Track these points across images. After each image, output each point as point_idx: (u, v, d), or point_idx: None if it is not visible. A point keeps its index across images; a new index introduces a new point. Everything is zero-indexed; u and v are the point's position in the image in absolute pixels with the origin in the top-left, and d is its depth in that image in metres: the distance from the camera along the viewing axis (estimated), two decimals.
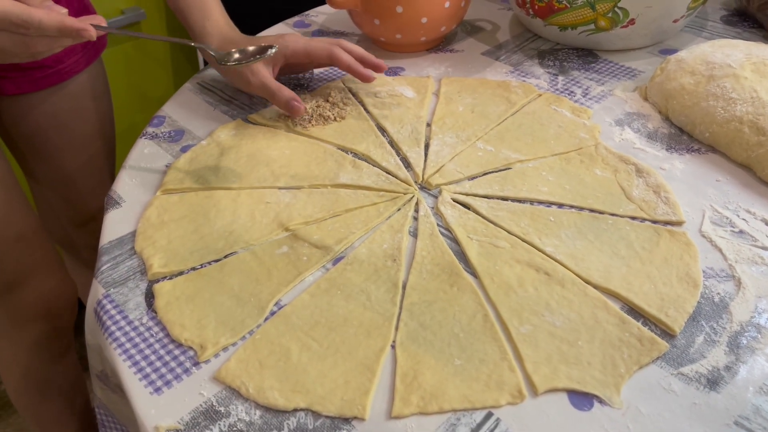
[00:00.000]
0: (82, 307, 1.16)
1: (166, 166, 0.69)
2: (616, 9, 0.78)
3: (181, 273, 0.56)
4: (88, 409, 1.09)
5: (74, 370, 1.02)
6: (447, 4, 0.81)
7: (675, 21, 0.82)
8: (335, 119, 0.74)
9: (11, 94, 0.82)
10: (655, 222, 0.60)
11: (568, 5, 0.80)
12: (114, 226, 0.62)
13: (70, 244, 1.06)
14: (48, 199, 0.98)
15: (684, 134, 0.70)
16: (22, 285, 0.85)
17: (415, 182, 0.66)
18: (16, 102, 0.83)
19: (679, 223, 0.59)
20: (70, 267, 1.12)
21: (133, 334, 0.52)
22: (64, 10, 0.52)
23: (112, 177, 0.99)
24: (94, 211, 0.97)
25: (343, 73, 0.84)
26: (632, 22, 0.80)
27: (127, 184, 0.67)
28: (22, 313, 0.88)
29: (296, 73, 0.81)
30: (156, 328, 0.52)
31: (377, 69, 0.75)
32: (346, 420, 0.45)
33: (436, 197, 0.64)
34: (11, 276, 0.83)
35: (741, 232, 0.58)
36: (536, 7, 0.84)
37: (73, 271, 1.13)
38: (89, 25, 0.53)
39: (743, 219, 0.59)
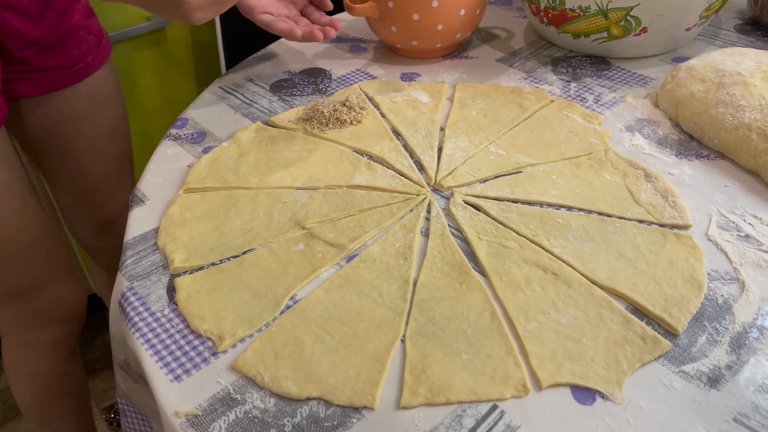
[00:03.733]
0: (102, 308, 1.18)
1: (189, 166, 0.72)
2: (628, 17, 0.80)
3: (201, 268, 0.59)
4: (90, 413, 1.10)
5: (79, 372, 1.03)
6: (462, 12, 0.83)
7: (688, 29, 0.83)
8: (351, 123, 0.76)
9: (30, 96, 0.82)
10: (662, 225, 0.61)
11: (582, 13, 0.82)
12: (138, 222, 0.65)
13: (93, 247, 1.07)
14: (70, 203, 0.98)
15: (693, 140, 0.72)
16: (35, 291, 0.85)
17: (428, 184, 0.68)
18: (34, 104, 0.84)
19: (685, 227, 0.61)
20: (93, 269, 1.14)
21: (155, 324, 0.54)
22: None
23: (131, 180, 0.99)
24: (114, 215, 0.98)
25: (360, 78, 0.86)
26: (644, 30, 0.81)
27: (151, 183, 0.70)
28: (31, 319, 0.88)
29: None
30: (177, 320, 0.55)
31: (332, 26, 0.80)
32: (356, 409, 0.47)
33: (447, 199, 0.66)
34: (24, 282, 0.83)
35: (747, 236, 0.59)
36: (550, 15, 0.86)
37: (96, 273, 1.15)
38: None
39: (749, 224, 0.60)
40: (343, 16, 1.03)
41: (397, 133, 0.75)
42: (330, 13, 1.05)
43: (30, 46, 0.78)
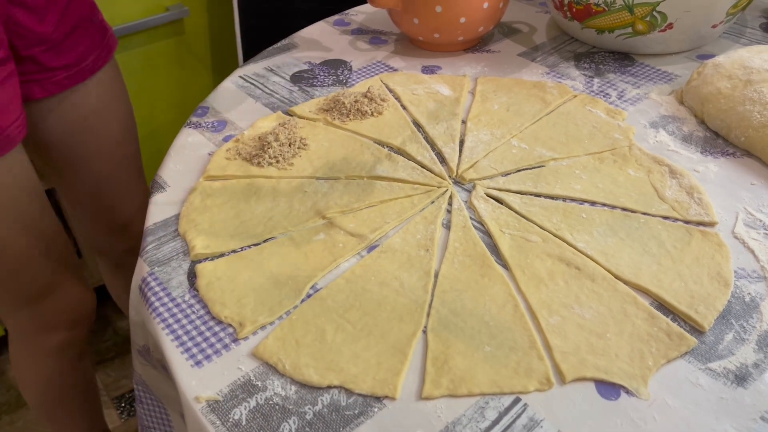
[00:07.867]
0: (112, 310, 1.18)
1: (209, 154, 0.71)
2: (654, 13, 0.79)
3: (222, 255, 0.59)
4: (99, 407, 1.10)
5: (88, 372, 1.03)
6: (485, 5, 0.83)
7: (713, 26, 0.82)
8: (372, 114, 0.76)
9: (38, 99, 0.78)
10: (687, 222, 0.60)
11: (606, 8, 0.81)
12: (159, 208, 0.65)
13: (107, 251, 1.05)
14: (82, 207, 0.96)
15: (719, 138, 0.71)
16: (49, 295, 0.85)
17: (450, 177, 0.67)
18: (42, 106, 0.80)
19: (711, 224, 0.60)
20: (105, 272, 1.13)
21: (175, 310, 0.54)
22: None
23: (142, 182, 0.97)
24: (128, 217, 0.96)
25: (381, 70, 0.86)
26: (670, 26, 0.80)
27: (172, 170, 0.69)
28: (42, 324, 0.88)
29: None
30: (197, 306, 0.54)
31: None
32: (378, 399, 0.47)
33: (469, 192, 0.65)
34: (37, 288, 0.83)
35: None
36: (574, 9, 0.85)
37: (109, 276, 1.12)
38: None
39: None
40: (364, 8, 1.03)
41: (418, 125, 0.75)
42: (347, 6, 1.04)
43: (37, 44, 0.74)
